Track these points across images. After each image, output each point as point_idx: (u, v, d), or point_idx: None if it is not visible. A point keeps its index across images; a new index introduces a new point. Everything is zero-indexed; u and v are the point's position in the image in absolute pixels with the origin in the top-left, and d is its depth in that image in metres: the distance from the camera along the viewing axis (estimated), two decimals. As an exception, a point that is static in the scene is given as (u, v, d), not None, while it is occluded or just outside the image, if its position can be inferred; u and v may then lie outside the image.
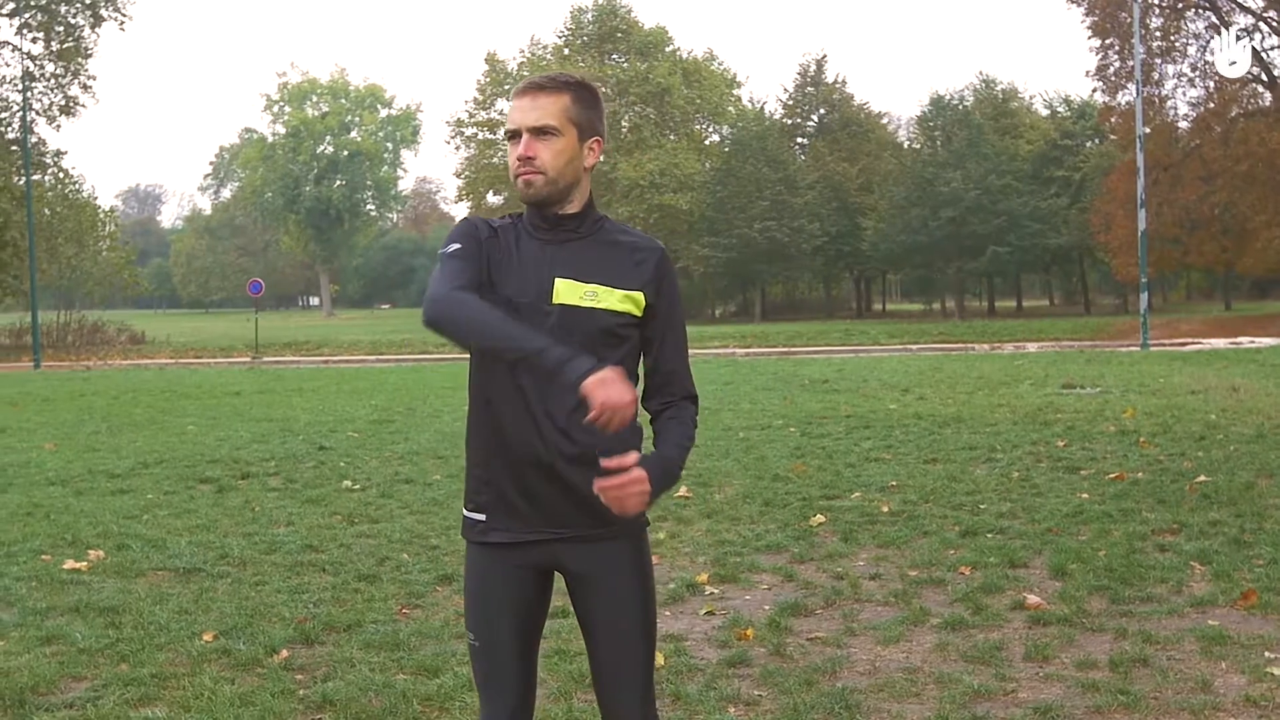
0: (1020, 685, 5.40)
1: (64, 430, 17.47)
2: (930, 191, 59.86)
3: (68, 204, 56.66)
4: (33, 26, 56.08)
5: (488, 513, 3.22)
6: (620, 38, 71.28)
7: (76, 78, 58.22)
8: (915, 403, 18.50)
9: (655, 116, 69.90)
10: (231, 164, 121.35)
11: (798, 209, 63.92)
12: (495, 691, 3.29)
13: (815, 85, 72.68)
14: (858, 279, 77.25)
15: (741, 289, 75.10)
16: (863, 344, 40.98)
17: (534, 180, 3.19)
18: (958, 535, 8.66)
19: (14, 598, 7.34)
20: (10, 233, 46.68)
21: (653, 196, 65.22)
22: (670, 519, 9.58)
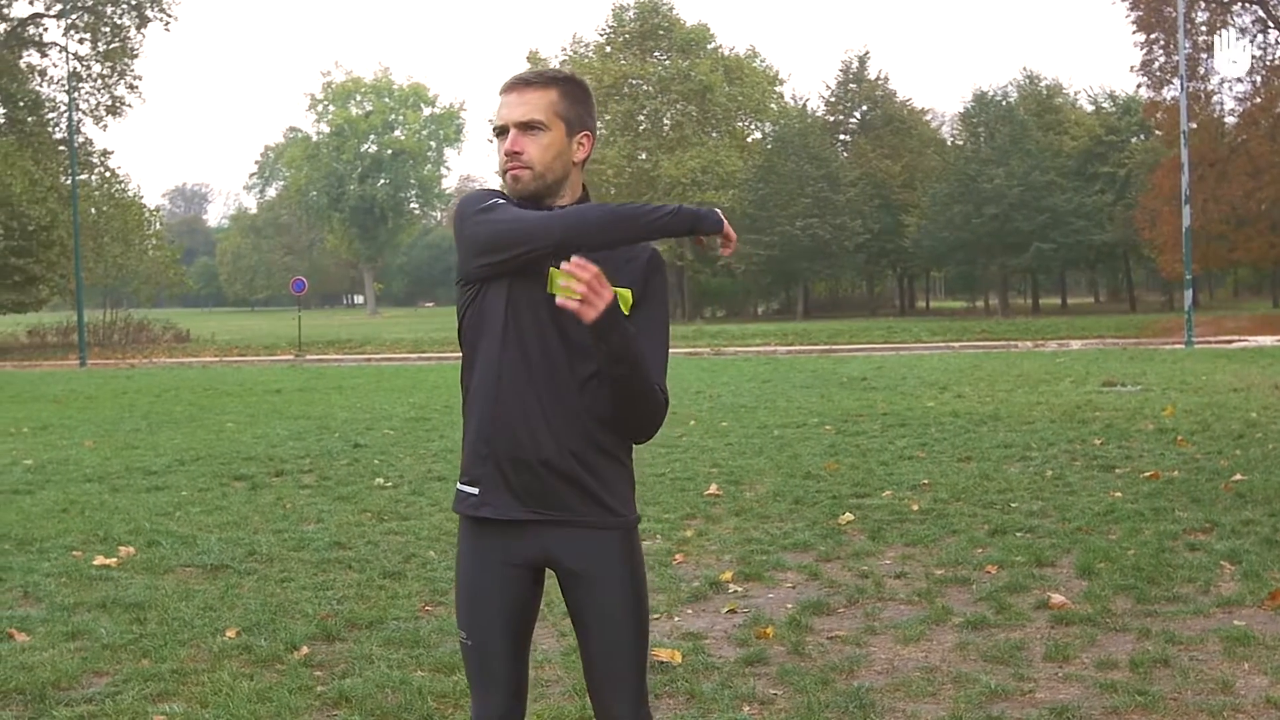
0: (1038, 685, 5.35)
1: (104, 428, 17.62)
2: (973, 188, 59.52)
3: (114, 203, 57.20)
4: (80, 27, 56.69)
5: (481, 486, 3.21)
6: (662, 35, 71.24)
7: (123, 78, 58.87)
8: (953, 400, 18.40)
9: (697, 114, 69.81)
10: (276, 163, 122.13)
11: (840, 206, 63.70)
12: (487, 690, 3.29)
13: (858, 82, 72.41)
14: (901, 276, 76.93)
15: (784, 287, 74.91)
16: (904, 342, 40.77)
17: (521, 175, 3.19)
18: (986, 534, 8.60)
19: (43, 593, 7.41)
20: (57, 232, 47.14)
21: (694, 194, 65.14)
22: (699, 517, 9.58)
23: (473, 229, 3.17)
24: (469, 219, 3.19)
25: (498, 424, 3.16)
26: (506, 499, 3.18)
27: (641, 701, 3.30)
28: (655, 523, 9.33)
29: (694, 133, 68.98)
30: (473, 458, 3.23)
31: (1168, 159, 51.68)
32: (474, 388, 3.23)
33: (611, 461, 3.23)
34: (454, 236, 3.26)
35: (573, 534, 3.21)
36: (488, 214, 3.17)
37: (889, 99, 72.19)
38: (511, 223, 3.13)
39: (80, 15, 56.25)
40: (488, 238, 3.14)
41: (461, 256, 3.22)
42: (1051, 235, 59.28)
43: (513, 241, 3.11)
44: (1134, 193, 58.26)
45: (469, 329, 3.23)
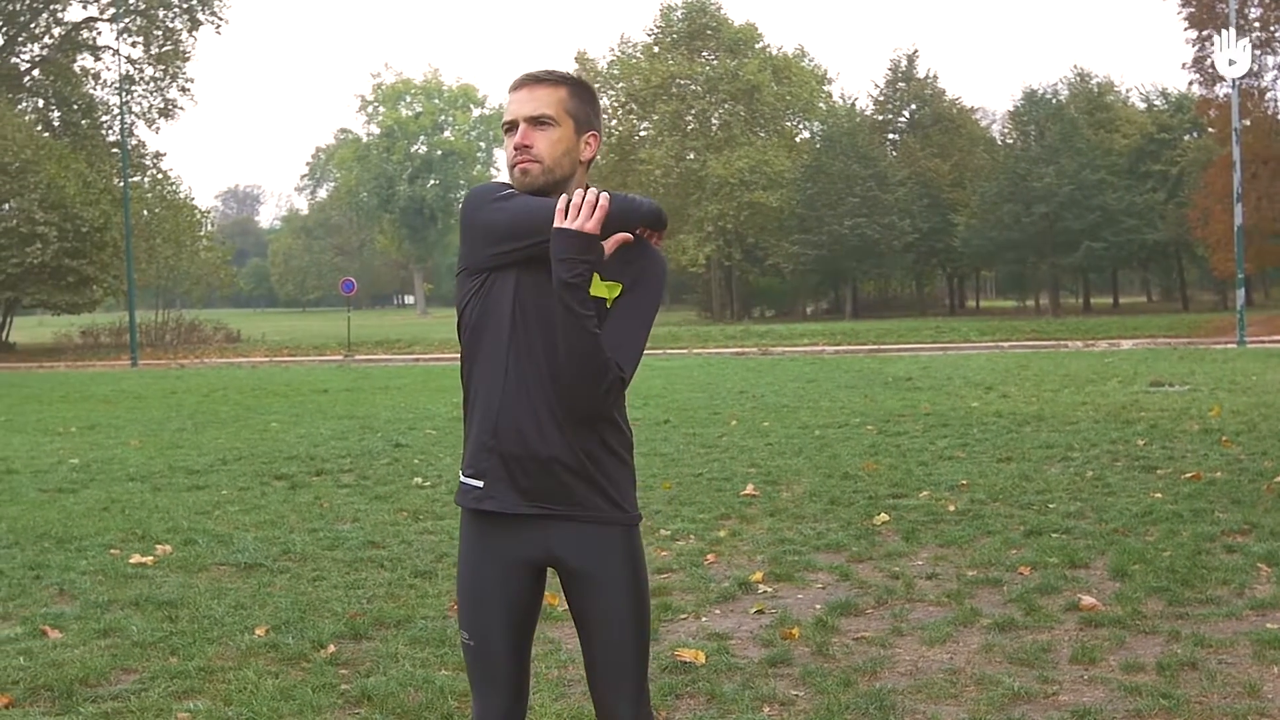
0: (1063, 688, 5.31)
1: (151, 427, 17.79)
2: (1023, 187, 59.08)
3: (166, 205, 57.74)
4: (132, 31, 57.32)
5: (486, 480, 3.22)
6: (710, 35, 71.13)
7: (175, 80, 59.50)
8: (997, 400, 18.28)
9: (745, 114, 69.63)
10: (327, 164, 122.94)
11: (888, 205, 63.37)
12: (489, 690, 3.31)
13: (906, 81, 72.00)
14: (950, 276, 76.45)
15: (833, 286, 74.65)
16: (953, 341, 40.53)
17: (530, 168, 3.21)
18: (1021, 535, 8.54)
19: (78, 591, 7.49)
20: (111, 233, 47.62)
21: (742, 194, 65.01)
22: (734, 517, 9.56)
23: (489, 215, 3.20)
24: (484, 207, 3.21)
25: (504, 418, 3.17)
26: (511, 493, 3.19)
27: (643, 701, 3.31)
28: (689, 523, 9.33)
29: (742, 132, 68.81)
30: (477, 451, 3.24)
31: (1220, 157, 51.08)
32: (478, 381, 3.24)
33: (615, 459, 3.25)
34: (463, 227, 3.27)
35: (576, 530, 3.22)
36: (504, 202, 3.20)
37: (938, 97, 71.74)
38: (529, 210, 3.17)
39: (133, 19, 56.84)
40: (506, 224, 3.17)
41: (472, 245, 3.24)
42: (1102, 234, 58.75)
43: (531, 228, 3.14)
44: (1186, 191, 57.65)
45: (471, 322, 3.24)
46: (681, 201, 68.29)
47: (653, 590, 7.16)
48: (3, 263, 45.25)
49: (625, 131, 70.79)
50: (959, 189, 65.74)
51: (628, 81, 70.71)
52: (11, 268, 45.35)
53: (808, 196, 64.60)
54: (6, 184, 45.40)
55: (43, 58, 58.58)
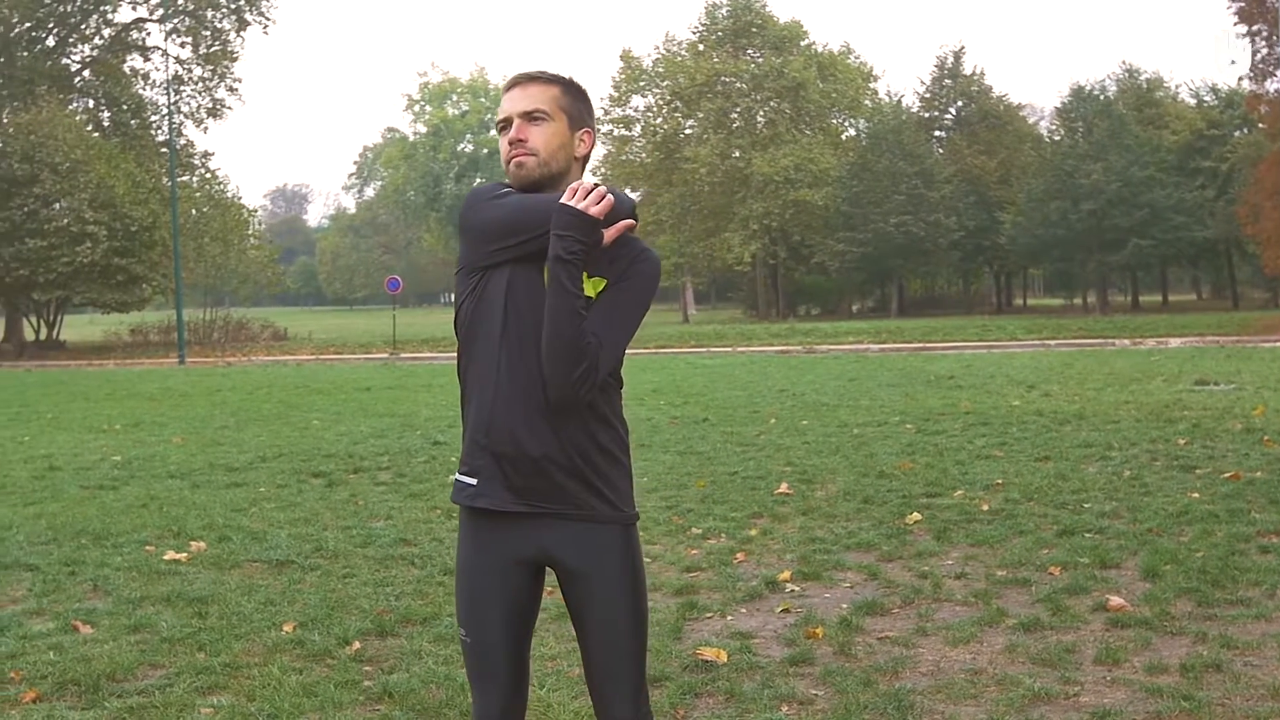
0: (1084, 689, 5.28)
1: (194, 425, 17.95)
2: (1070, 184, 58.60)
3: (213, 204, 58.23)
4: (181, 32, 57.84)
5: (480, 477, 3.24)
6: (755, 32, 70.92)
7: (223, 80, 60.01)
8: (1039, 399, 18.17)
9: (790, 111, 69.39)
10: (374, 163, 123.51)
11: (934, 203, 63.01)
12: (487, 687, 3.33)
13: (953, 77, 71.59)
14: (997, 274, 75.97)
15: (879, 284, 74.37)
16: (999, 340, 40.27)
17: (526, 161, 3.25)
18: (1054, 535, 8.49)
19: (111, 587, 7.57)
20: (159, 232, 48.09)
21: (787, 192, 64.80)
22: (766, 516, 9.55)
23: (487, 213, 3.23)
24: (482, 205, 3.25)
25: (497, 416, 3.18)
26: (503, 491, 3.21)
27: (641, 700, 3.31)
28: (721, 521, 9.33)
29: (787, 130, 68.57)
30: (472, 448, 3.26)
31: (1271, 153, 50.53)
32: (472, 379, 3.26)
33: (609, 458, 3.25)
34: (461, 227, 3.30)
35: (570, 529, 3.23)
36: (502, 200, 3.23)
37: (984, 94, 71.27)
38: (526, 206, 3.20)
39: (181, 20, 57.35)
40: (503, 220, 3.20)
41: (471, 244, 3.26)
42: (1150, 231, 58.21)
43: (528, 224, 3.17)
44: (1236, 188, 57.02)
45: (467, 320, 3.26)
46: (726, 200, 68.20)
47: (680, 589, 7.22)
48: (53, 262, 45.74)
49: (670, 129, 70.74)
50: (1005, 186, 65.31)
51: (673, 79, 70.64)
52: (62, 266, 45.83)
53: (853, 194, 64.35)
54: (57, 184, 45.88)
55: (93, 58, 59.19)
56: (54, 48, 58.25)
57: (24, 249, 45.62)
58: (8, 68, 54.63)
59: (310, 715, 5.20)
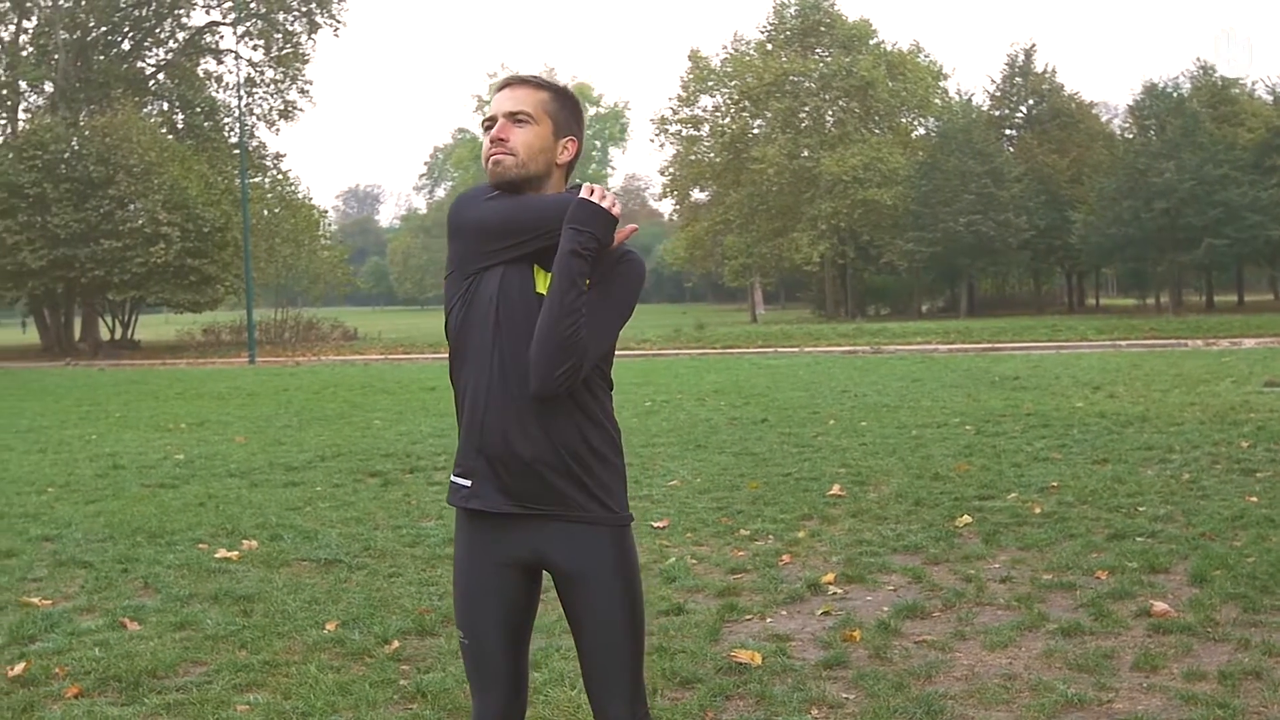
0: (1119, 695, 5.22)
1: (257, 424, 18.15)
2: (1142, 183, 57.77)
3: (285, 205, 58.87)
4: (253, 34, 58.51)
5: (474, 479, 3.27)
6: (823, 31, 70.63)
7: (294, 83, 60.65)
8: (1103, 401, 17.96)
9: (859, 110, 69.07)
10: (445, 164, 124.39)
11: (1004, 202, 62.39)
12: (486, 689, 3.35)
13: (1024, 76, 70.86)
14: (1068, 274, 75.12)
15: (949, 284, 73.81)
16: (1069, 340, 39.83)
17: (504, 160, 3.26)
18: (1105, 538, 8.40)
19: (161, 584, 7.68)
20: (232, 233, 48.66)
21: (856, 191, 64.47)
22: (816, 518, 9.52)
23: (481, 213, 3.25)
24: (475, 206, 3.27)
25: (489, 418, 3.20)
26: (496, 493, 3.23)
27: (639, 701, 3.32)
28: (770, 523, 9.31)
29: (855, 129, 68.26)
30: (465, 451, 3.28)
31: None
32: (465, 382, 3.28)
33: (602, 460, 3.27)
34: (452, 229, 3.31)
35: (564, 530, 3.25)
36: (496, 200, 3.25)
37: (1056, 92, 70.52)
38: (526, 206, 3.23)
39: (254, 22, 58.02)
40: (499, 220, 3.22)
41: (463, 245, 3.28)
42: (1224, 230, 57.27)
43: (529, 224, 3.20)
44: (1316, 186, 56.10)
45: (458, 324, 3.28)
46: (794, 199, 67.97)
47: (722, 591, 7.22)
48: (128, 262, 46.40)
49: (738, 129, 70.60)
50: (1077, 185, 64.51)
51: (741, 79, 70.49)
52: (136, 267, 46.48)
53: (922, 193, 63.89)
54: (132, 185, 46.55)
55: (167, 62, 59.98)
56: (129, 51, 59.15)
57: (99, 250, 46.31)
58: (84, 71, 55.51)
59: (344, 713, 5.26)
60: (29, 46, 56.48)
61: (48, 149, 46.64)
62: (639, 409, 18.71)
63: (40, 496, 11.55)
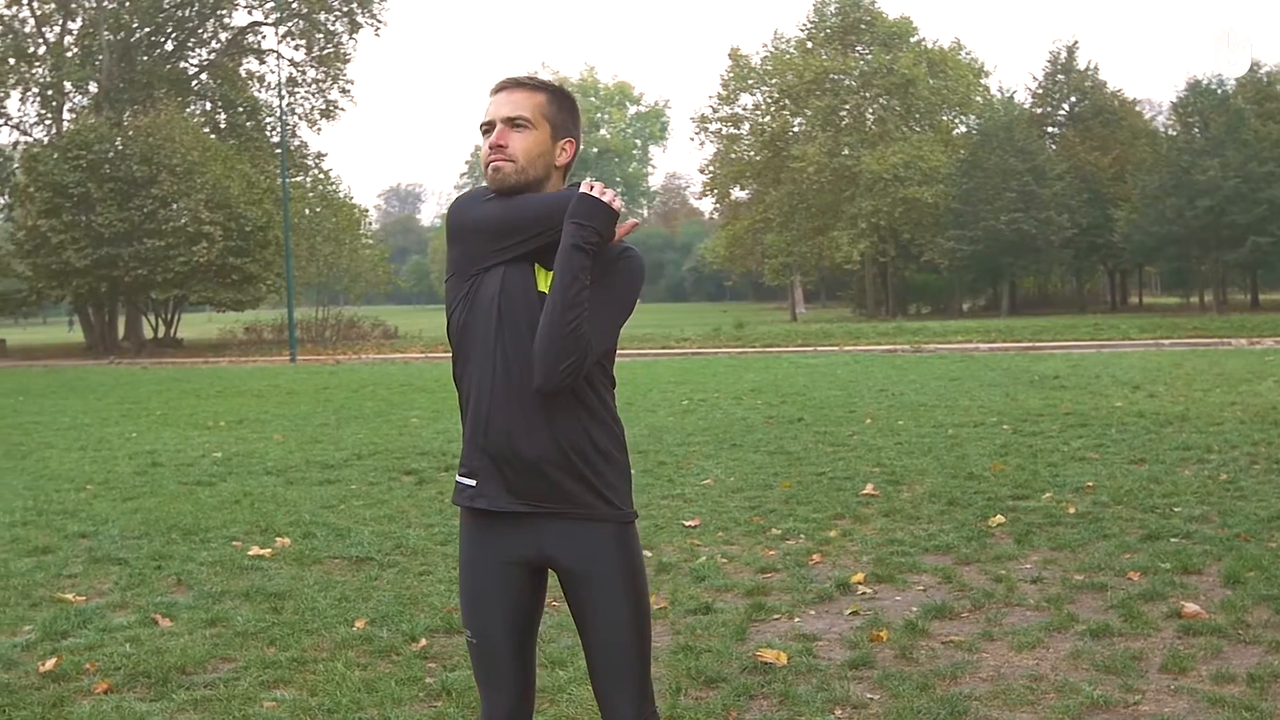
0: (1145, 698, 5.18)
1: (296, 422, 18.25)
2: (1186, 180, 57.28)
3: (326, 204, 59.18)
4: (295, 34, 58.86)
5: (479, 479, 3.29)
6: (864, 29, 70.33)
7: (336, 82, 60.96)
8: (1143, 400, 17.83)
9: (900, 108, 68.79)
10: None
11: (1046, 200, 61.97)
12: (493, 689, 3.38)
13: (1066, 73, 70.35)
14: (1111, 272, 74.57)
15: (990, 283, 73.38)
16: (1111, 339, 39.55)
17: (504, 166, 3.27)
18: (1138, 539, 8.34)
19: (194, 581, 7.74)
20: (273, 232, 48.93)
21: (896, 189, 64.19)
22: (848, 517, 9.49)
23: (482, 212, 3.27)
24: (475, 207, 3.29)
25: (493, 418, 3.22)
26: (502, 492, 3.25)
27: (645, 698, 3.34)
28: (801, 522, 9.29)
29: (896, 127, 67.99)
30: (470, 450, 3.30)
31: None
32: (469, 382, 3.30)
33: (606, 457, 3.28)
34: (451, 231, 3.33)
35: (568, 528, 3.26)
36: (497, 200, 3.27)
37: (1099, 89, 69.99)
38: (526, 205, 3.24)
39: (295, 22, 58.37)
40: (501, 219, 3.24)
41: (464, 246, 3.30)
42: (1270, 228, 56.71)
43: (529, 222, 3.22)
44: (1363, 183, 55.47)
45: (460, 325, 3.30)
46: (834, 198, 67.74)
47: (750, 590, 7.22)
48: (170, 261, 46.72)
49: (778, 127, 70.46)
50: (1120, 183, 64.07)
51: (781, 77, 70.33)
52: (179, 266, 46.79)
53: (963, 191, 63.58)
54: (175, 185, 46.87)
55: (210, 62, 60.42)
56: (172, 52, 59.60)
57: (142, 249, 46.66)
58: (128, 72, 55.96)
59: (368, 710, 5.29)
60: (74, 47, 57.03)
61: (92, 149, 47.03)
62: (675, 408, 18.71)
63: (79, 494, 11.67)
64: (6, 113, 57.60)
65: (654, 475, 11.89)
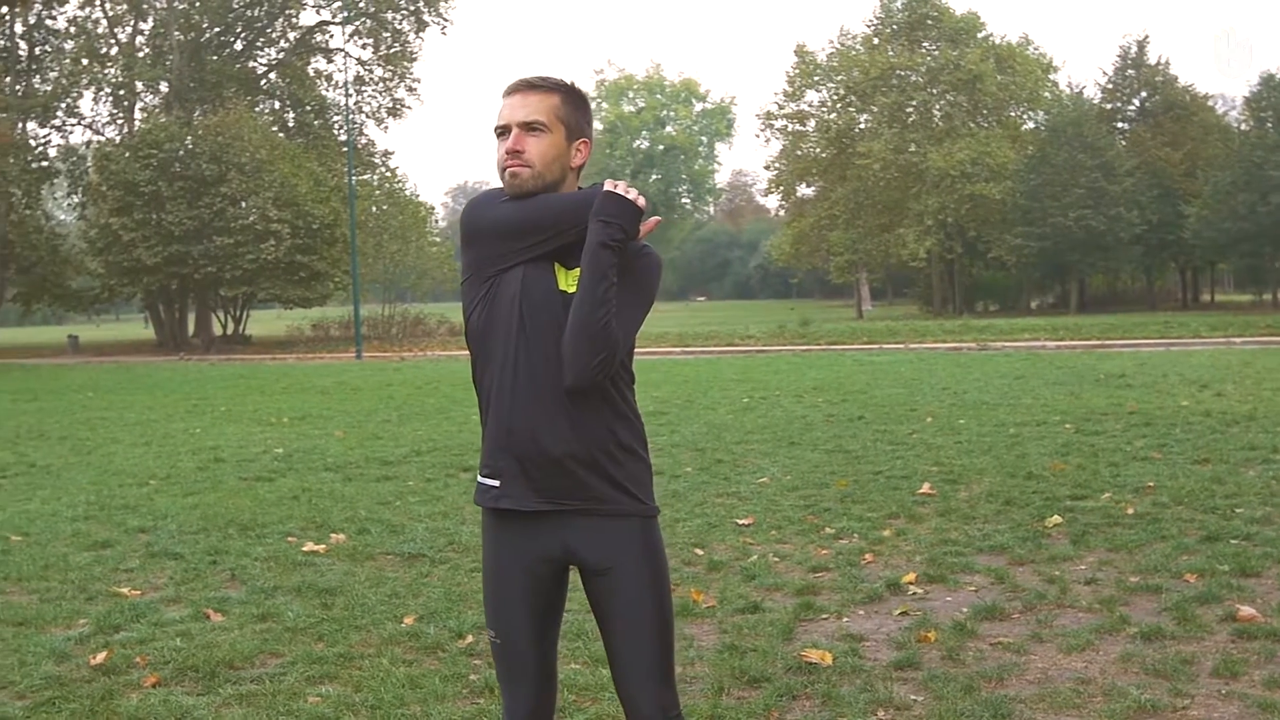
0: (1194, 702, 5.10)
1: (358, 418, 18.39)
2: (1259, 176, 56.43)
3: (393, 202, 59.61)
4: (362, 33, 59.31)
5: (501, 479, 3.29)
6: (930, 25, 69.84)
7: (402, 81, 61.41)
8: (1210, 399, 17.57)
9: (967, 104, 68.22)
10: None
11: (1115, 196, 61.23)
12: (515, 688, 3.39)
13: (1136, 68, 69.46)
14: (1183, 269, 73.60)
15: (1059, 280, 72.61)
16: (1180, 337, 39.05)
17: (520, 172, 3.26)
18: (1197, 540, 8.21)
19: (248, 576, 7.81)
20: (340, 229, 49.36)
21: (963, 186, 63.66)
22: (902, 517, 9.42)
23: (499, 213, 3.27)
24: (492, 207, 3.30)
25: (516, 418, 3.22)
26: (526, 491, 3.25)
27: (668, 695, 3.34)
28: (856, 521, 9.24)
29: (963, 123, 67.45)
30: (493, 450, 3.30)
31: None
32: (489, 383, 3.30)
33: (629, 453, 3.29)
34: (468, 233, 3.33)
35: (591, 524, 3.27)
36: (513, 202, 3.27)
37: (1170, 84, 69.10)
38: (545, 204, 3.25)
39: (363, 22, 58.81)
40: (523, 219, 3.24)
41: (482, 247, 3.30)
42: (1345, 225, 55.87)
43: (549, 221, 3.22)
44: None
45: (480, 326, 3.30)
46: (901, 195, 67.32)
47: (800, 589, 7.18)
48: (239, 259, 47.27)
49: (844, 124, 70.13)
50: (1191, 179, 63.21)
51: (847, 74, 69.99)
52: (247, 263, 47.32)
53: (1031, 188, 62.94)
54: (243, 183, 47.41)
55: (278, 61, 61.06)
56: (241, 51, 60.28)
57: (212, 246, 47.23)
58: (198, 71, 56.66)
59: (411, 707, 5.31)
60: (145, 48, 57.85)
61: (162, 148, 47.66)
62: (735, 406, 18.68)
63: (141, 489, 11.81)
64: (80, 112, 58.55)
65: (710, 473, 11.87)
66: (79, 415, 20.34)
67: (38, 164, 55.49)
